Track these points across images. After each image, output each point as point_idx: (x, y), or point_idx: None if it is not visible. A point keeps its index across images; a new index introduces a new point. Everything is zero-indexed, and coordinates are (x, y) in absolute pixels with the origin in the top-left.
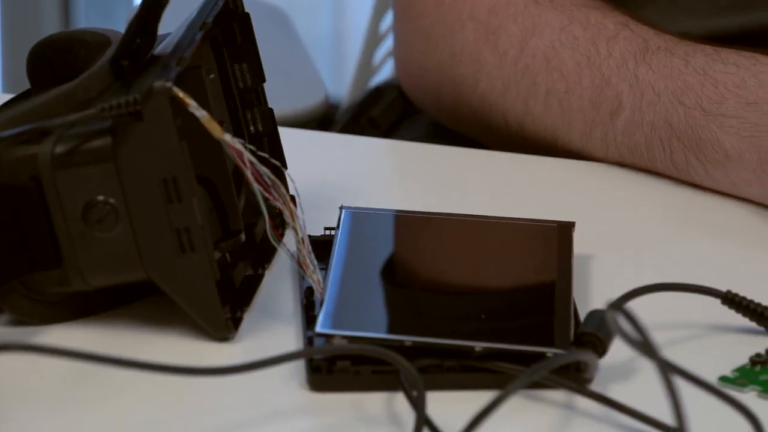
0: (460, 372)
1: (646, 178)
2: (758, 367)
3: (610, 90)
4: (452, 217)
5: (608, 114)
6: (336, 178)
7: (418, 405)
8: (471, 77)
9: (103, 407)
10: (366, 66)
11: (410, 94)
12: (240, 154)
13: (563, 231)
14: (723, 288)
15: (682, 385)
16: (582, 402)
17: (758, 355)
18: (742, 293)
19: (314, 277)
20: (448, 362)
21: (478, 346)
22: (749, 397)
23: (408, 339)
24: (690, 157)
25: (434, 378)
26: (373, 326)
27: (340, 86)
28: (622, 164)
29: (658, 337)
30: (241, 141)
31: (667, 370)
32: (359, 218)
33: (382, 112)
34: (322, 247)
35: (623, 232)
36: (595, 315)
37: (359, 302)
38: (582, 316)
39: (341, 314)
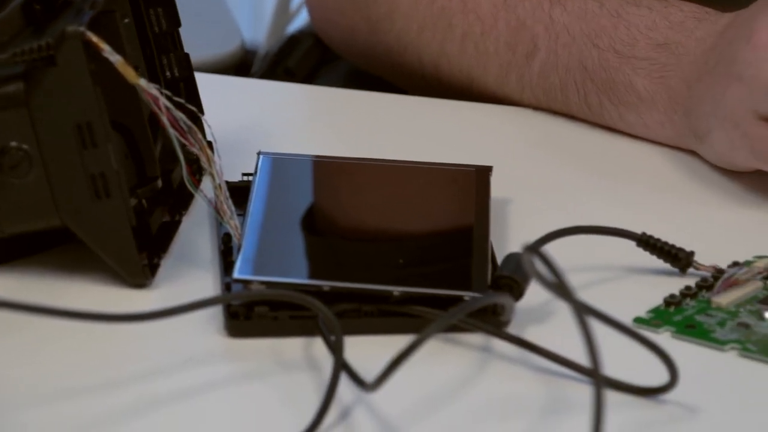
0: (378, 316)
1: (561, 122)
2: (672, 308)
3: (525, 32)
4: (370, 162)
5: (524, 56)
6: (253, 123)
7: (335, 349)
8: (387, 17)
9: (18, 356)
10: (283, 12)
11: (322, 34)
12: (155, 99)
13: (481, 175)
14: (638, 230)
15: (598, 327)
16: (499, 345)
17: (672, 296)
18: (656, 235)
19: (232, 222)
20: (366, 307)
21: (396, 290)
22: (664, 338)
23: (326, 284)
24: (604, 100)
25: (352, 323)
26: (291, 272)
27: (257, 32)
28: (537, 107)
29: (573, 280)
30: (157, 86)
31: (583, 312)
32: (277, 163)
33: (298, 62)
34: (239, 192)
35: (540, 176)
36: (512, 258)
37: (277, 248)
38: (499, 259)
39: (259, 260)
